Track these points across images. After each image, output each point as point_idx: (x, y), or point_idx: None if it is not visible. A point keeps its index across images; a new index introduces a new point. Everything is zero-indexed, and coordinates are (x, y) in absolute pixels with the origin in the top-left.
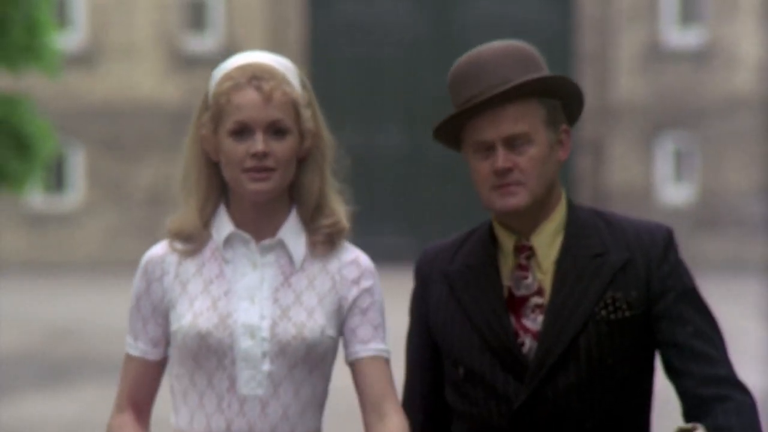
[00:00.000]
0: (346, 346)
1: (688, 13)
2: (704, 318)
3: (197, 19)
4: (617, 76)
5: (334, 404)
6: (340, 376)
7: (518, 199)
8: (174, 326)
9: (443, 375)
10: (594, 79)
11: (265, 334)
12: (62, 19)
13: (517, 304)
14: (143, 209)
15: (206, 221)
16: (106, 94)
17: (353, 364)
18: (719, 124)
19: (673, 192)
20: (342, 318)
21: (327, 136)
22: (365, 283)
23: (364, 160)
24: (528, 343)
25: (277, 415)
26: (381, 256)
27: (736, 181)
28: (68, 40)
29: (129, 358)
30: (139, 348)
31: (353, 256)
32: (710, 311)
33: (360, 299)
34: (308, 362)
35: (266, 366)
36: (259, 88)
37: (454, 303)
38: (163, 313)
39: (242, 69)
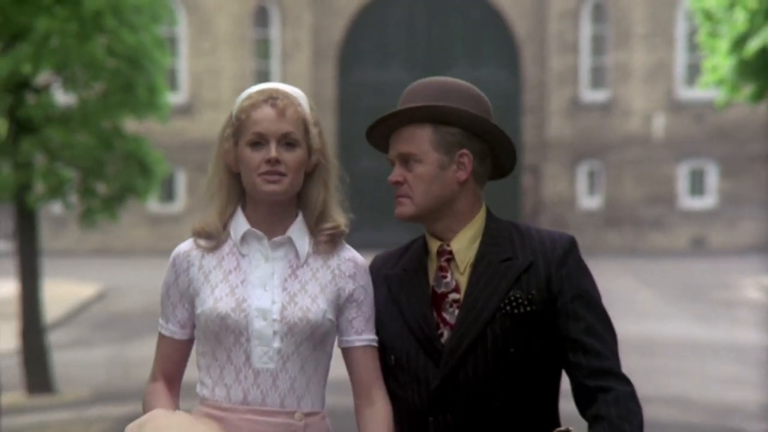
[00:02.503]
0: (341, 334)
1: (598, 79)
2: (597, 316)
3: (263, 81)
4: (550, 121)
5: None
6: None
7: (403, 209)
8: (198, 310)
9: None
10: (534, 123)
11: (276, 316)
12: (171, 82)
13: (438, 300)
14: None
15: (225, 222)
16: (201, 133)
17: (347, 351)
18: (618, 154)
19: (588, 201)
20: (339, 306)
21: (331, 156)
22: (360, 280)
23: (379, 183)
24: (446, 334)
25: (285, 386)
26: None
27: (630, 193)
28: (175, 96)
29: (161, 337)
30: (169, 329)
31: (351, 255)
32: (604, 310)
33: (356, 293)
34: (312, 341)
35: (276, 343)
36: (274, 105)
37: (391, 302)
38: (189, 300)
39: (261, 92)
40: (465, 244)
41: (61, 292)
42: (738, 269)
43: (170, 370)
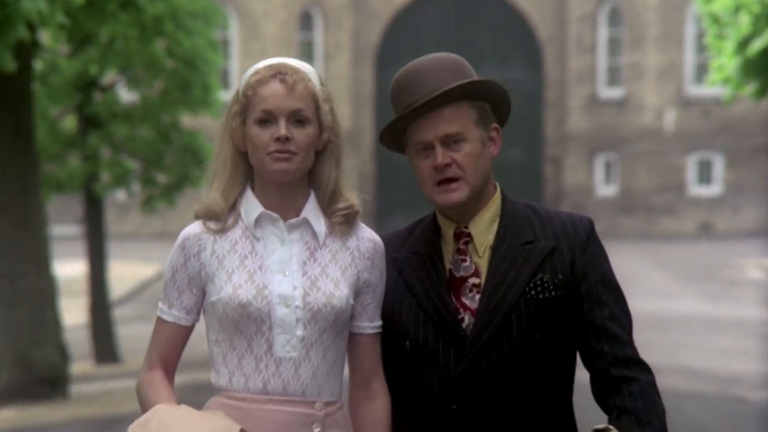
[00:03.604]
0: (353, 318)
1: (614, 77)
2: (618, 303)
3: None
4: (570, 116)
5: None
6: None
7: (458, 194)
8: (213, 297)
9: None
10: (555, 118)
11: (299, 302)
12: (224, 81)
13: (457, 285)
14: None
15: (232, 202)
16: None
17: (356, 336)
18: (632, 146)
19: (604, 189)
20: (357, 289)
21: (341, 133)
22: (379, 263)
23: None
24: (467, 319)
25: (307, 376)
26: None
27: (643, 182)
28: (227, 94)
29: (161, 322)
30: (173, 314)
31: (369, 235)
32: (623, 296)
33: (373, 276)
34: (335, 327)
35: (300, 331)
36: (283, 81)
37: (403, 285)
38: (198, 286)
39: (269, 67)
40: (484, 226)
41: (125, 272)
42: (742, 251)
43: (169, 357)
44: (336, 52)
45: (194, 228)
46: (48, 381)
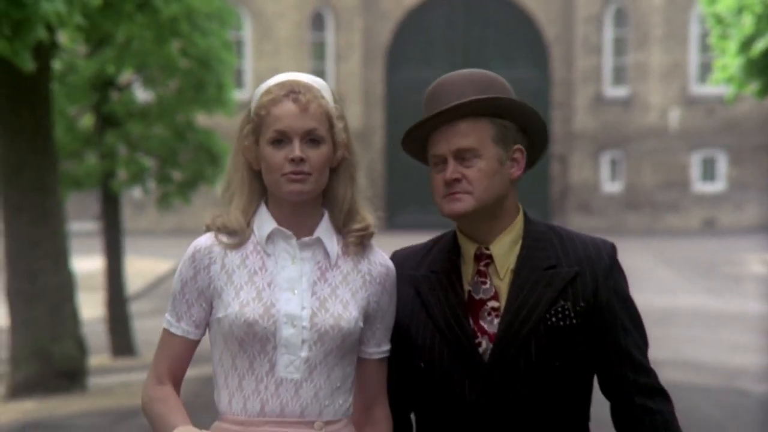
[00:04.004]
0: (361, 343)
1: (619, 77)
2: (638, 328)
3: None
4: (576, 115)
5: None
6: None
7: (463, 204)
8: (220, 314)
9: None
10: (561, 117)
11: (306, 323)
12: (237, 81)
13: (475, 307)
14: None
15: (248, 220)
16: None
17: (364, 361)
18: (637, 144)
19: (610, 186)
20: (367, 314)
21: (356, 149)
22: (390, 288)
23: (423, 172)
24: (484, 344)
25: (308, 396)
26: None
27: (648, 179)
28: (240, 93)
29: (169, 335)
30: (182, 328)
31: (382, 260)
32: (642, 322)
33: (383, 301)
34: (342, 349)
35: (304, 352)
36: (296, 100)
37: (420, 304)
38: (207, 299)
39: (281, 85)
40: (505, 248)
41: (141, 267)
42: (744, 247)
43: (178, 372)
44: (347, 52)
45: (205, 240)
46: (66, 374)
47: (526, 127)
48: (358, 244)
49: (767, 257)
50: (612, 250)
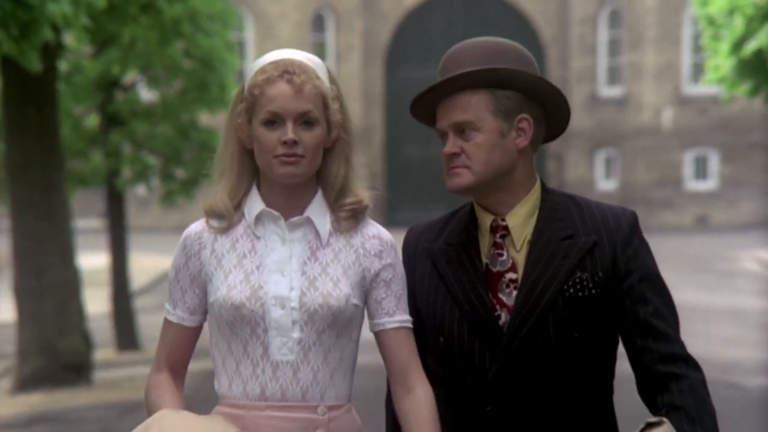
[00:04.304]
0: (371, 317)
1: (614, 77)
2: (663, 299)
3: None
4: (572, 114)
5: None
6: None
7: (461, 179)
8: (211, 298)
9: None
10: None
11: (294, 303)
12: (240, 81)
13: (493, 280)
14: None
15: (238, 202)
16: None
17: (379, 334)
18: (631, 143)
19: (605, 184)
20: (366, 288)
21: (352, 128)
22: (387, 258)
23: (422, 168)
24: (503, 317)
25: (307, 379)
26: None
27: (642, 177)
28: None
29: (167, 323)
30: (177, 315)
31: (375, 232)
32: (668, 292)
33: (383, 272)
34: (335, 328)
35: (296, 333)
36: (290, 81)
37: (437, 278)
38: (200, 285)
39: (275, 64)
40: (521, 219)
41: (145, 264)
42: (737, 244)
43: (176, 359)
44: (347, 52)
45: (196, 226)
46: (73, 367)
47: (537, 96)
48: (350, 218)
49: (759, 254)
50: (632, 218)
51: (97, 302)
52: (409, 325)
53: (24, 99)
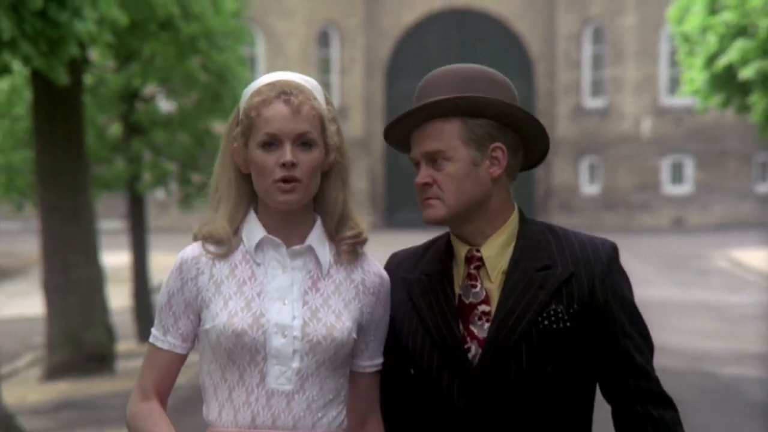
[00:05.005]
0: (354, 356)
1: (597, 89)
2: (641, 332)
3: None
4: (558, 123)
5: None
6: None
7: (434, 211)
8: (208, 325)
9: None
10: (545, 125)
11: (297, 333)
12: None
13: (465, 311)
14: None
15: (236, 227)
16: None
17: (356, 375)
18: (613, 150)
19: (589, 188)
20: (360, 325)
21: (348, 152)
22: (383, 298)
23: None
24: (473, 349)
25: (300, 408)
26: None
27: (622, 181)
28: None
29: (155, 349)
30: (168, 342)
31: (376, 269)
32: (645, 326)
33: (377, 313)
34: (334, 361)
35: (296, 363)
36: (288, 102)
37: (412, 309)
38: (195, 311)
39: (271, 85)
40: (497, 250)
41: (164, 262)
42: (710, 244)
43: (164, 386)
44: (350, 66)
45: (192, 251)
46: (96, 358)
47: (511, 123)
48: (351, 251)
49: (730, 253)
50: (612, 250)
51: (119, 297)
52: (381, 367)
53: (52, 110)
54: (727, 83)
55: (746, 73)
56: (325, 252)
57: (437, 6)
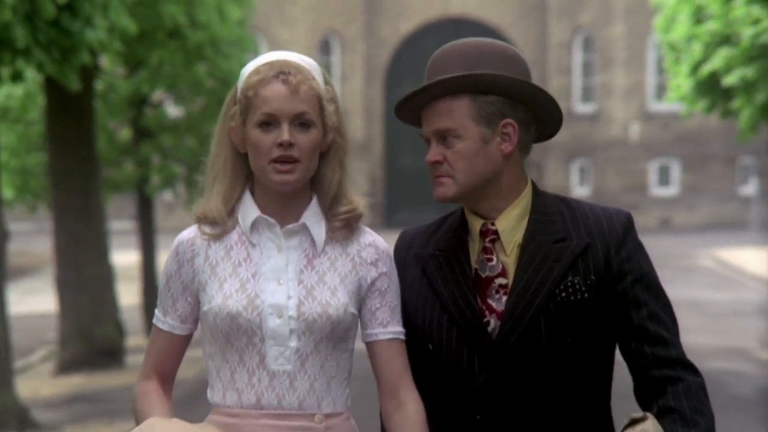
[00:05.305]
0: (364, 327)
1: (587, 95)
2: (659, 301)
3: None
4: None
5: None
6: None
7: (444, 189)
8: (205, 307)
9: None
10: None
11: (292, 312)
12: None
13: (482, 285)
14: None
15: (231, 208)
16: None
17: (372, 345)
18: (603, 153)
19: (579, 190)
20: (361, 297)
21: (347, 132)
22: (383, 267)
23: (418, 176)
24: (492, 323)
25: (304, 388)
26: None
27: (612, 183)
28: None
29: (157, 330)
30: (168, 323)
31: (371, 240)
32: (665, 295)
33: (379, 281)
34: (332, 338)
35: (293, 343)
36: (286, 82)
37: (427, 284)
38: (193, 293)
39: (270, 65)
40: (512, 223)
41: None
42: (695, 243)
43: (165, 367)
44: (350, 73)
45: (188, 233)
46: (107, 353)
47: (522, 99)
48: (345, 227)
49: (715, 252)
50: (626, 220)
51: (128, 295)
52: (402, 336)
53: (65, 115)
54: (711, 90)
55: (729, 79)
56: (320, 229)
57: (434, 15)
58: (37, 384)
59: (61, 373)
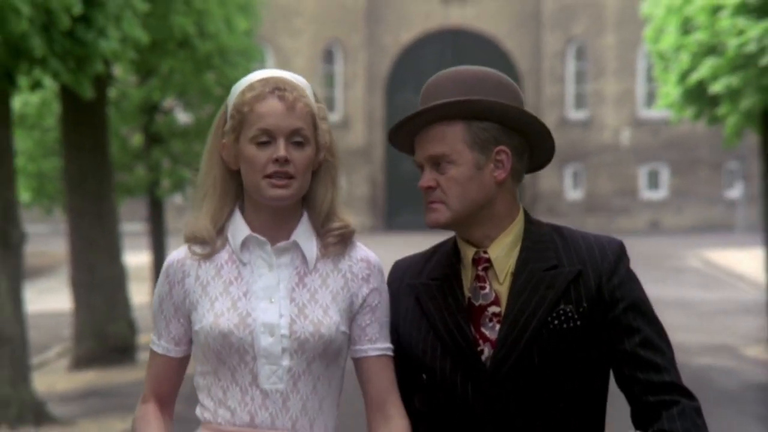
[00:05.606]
0: (354, 342)
1: (580, 102)
2: (652, 327)
3: (329, 106)
4: None
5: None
6: None
7: (437, 215)
8: (196, 326)
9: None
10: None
11: (285, 331)
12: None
13: (476, 314)
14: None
15: (220, 226)
16: None
17: (360, 361)
18: (595, 158)
19: (572, 193)
20: (353, 313)
21: (338, 151)
22: (374, 282)
23: (417, 178)
24: (486, 351)
25: (296, 408)
26: None
27: (604, 187)
28: None
29: (153, 354)
30: (162, 346)
31: (363, 255)
32: (658, 321)
33: (370, 297)
34: (325, 357)
35: (286, 361)
36: (282, 98)
37: (420, 314)
38: (185, 314)
39: (265, 81)
40: (504, 251)
41: None
42: (684, 245)
43: (163, 390)
44: (353, 81)
45: (178, 254)
46: (120, 349)
47: (516, 126)
48: (337, 243)
49: (702, 253)
50: (618, 248)
51: (140, 294)
52: (391, 353)
53: (79, 122)
54: (698, 97)
55: (716, 88)
56: (311, 246)
57: (433, 26)
58: (52, 379)
59: (76, 369)
